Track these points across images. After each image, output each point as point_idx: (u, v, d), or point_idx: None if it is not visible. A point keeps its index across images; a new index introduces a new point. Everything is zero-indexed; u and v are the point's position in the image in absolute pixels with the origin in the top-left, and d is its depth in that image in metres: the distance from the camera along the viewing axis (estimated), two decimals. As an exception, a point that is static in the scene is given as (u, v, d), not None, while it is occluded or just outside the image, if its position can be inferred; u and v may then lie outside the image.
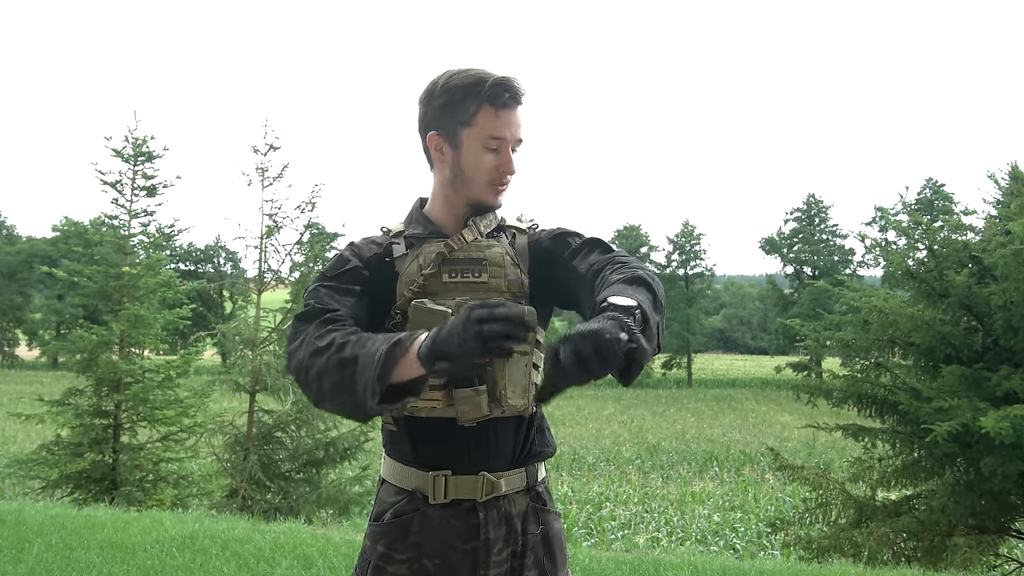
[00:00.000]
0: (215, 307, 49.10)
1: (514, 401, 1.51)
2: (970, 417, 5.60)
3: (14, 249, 48.73)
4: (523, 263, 1.64)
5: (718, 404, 34.38)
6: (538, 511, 1.63)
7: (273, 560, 4.49)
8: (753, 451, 19.72)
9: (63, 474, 8.72)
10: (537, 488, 1.64)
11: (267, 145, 9.49)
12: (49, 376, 37.69)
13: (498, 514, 1.57)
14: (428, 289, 1.56)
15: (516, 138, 1.59)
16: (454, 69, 1.62)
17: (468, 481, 1.55)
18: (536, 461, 1.65)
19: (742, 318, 70.18)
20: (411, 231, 1.65)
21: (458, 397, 1.50)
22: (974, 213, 7.82)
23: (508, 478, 1.58)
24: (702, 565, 4.58)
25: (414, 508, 1.56)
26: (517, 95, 1.58)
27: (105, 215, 10.06)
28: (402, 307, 1.56)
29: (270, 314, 9.58)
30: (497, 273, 1.58)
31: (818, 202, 48.10)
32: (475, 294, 1.55)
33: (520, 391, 1.52)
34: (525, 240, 1.68)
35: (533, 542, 1.61)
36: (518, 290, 1.60)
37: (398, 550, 1.56)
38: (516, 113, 1.58)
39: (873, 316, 6.93)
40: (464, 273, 1.57)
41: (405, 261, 1.60)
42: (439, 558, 1.54)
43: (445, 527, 1.55)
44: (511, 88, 1.57)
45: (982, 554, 6.49)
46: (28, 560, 4.42)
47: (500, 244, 1.63)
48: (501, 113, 1.56)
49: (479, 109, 1.56)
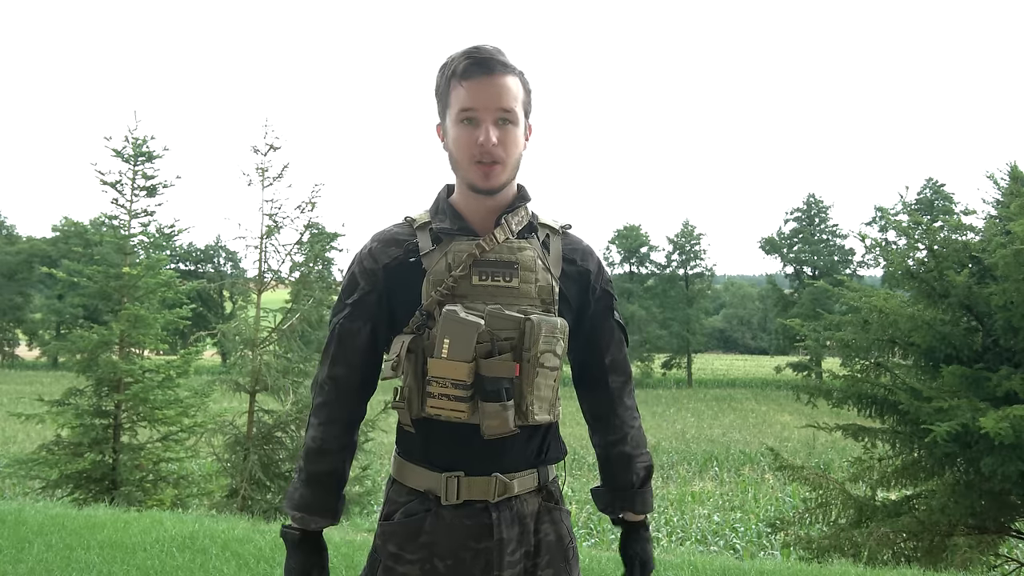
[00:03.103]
0: (215, 307, 49.10)
1: (540, 416, 1.53)
2: (970, 417, 5.60)
3: (14, 249, 48.73)
4: (555, 268, 1.60)
5: (718, 404, 34.37)
6: (551, 510, 1.62)
7: (273, 560, 4.49)
8: (753, 451, 19.72)
9: (63, 474, 8.70)
10: (549, 487, 1.64)
11: (267, 145, 9.47)
12: (49, 376, 37.69)
13: (511, 514, 1.55)
14: (457, 291, 1.52)
15: (494, 107, 1.50)
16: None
17: (481, 482, 1.54)
18: (549, 464, 1.65)
19: (742, 318, 70.17)
20: (439, 224, 1.58)
21: (485, 411, 1.47)
22: (974, 213, 7.78)
23: (521, 479, 1.57)
24: (702, 565, 4.58)
25: (425, 508, 1.55)
26: (484, 63, 1.49)
27: (105, 215, 10.06)
28: (429, 308, 1.52)
29: (270, 314, 9.57)
30: (528, 278, 1.55)
31: (818, 202, 48.11)
32: (505, 298, 1.53)
33: (547, 406, 1.54)
34: (559, 245, 1.64)
35: (547, 542, 1.60)
36: (548, 296, 1.57)
37: (408, 550, 1.54)
38: (489, 82, 1.49)
39: (873, 316, 6.92)
40: (495, 276, 1.53)
41: (433, 258, 1.55)
42: (451, 558, 1.52)
43: (458, 527, 1.53)
44: (475, 56, 1.49)
45: (982, 554, 6.49)
46: (28, 560, 4.42)
47: (532, 247, 1.58)
48: (467, 84, 1.49)
49: (451, 87, 1.52)
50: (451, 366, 1.45)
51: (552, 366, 1.51)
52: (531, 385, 1.49)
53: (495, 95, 1.49)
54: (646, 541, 1.74)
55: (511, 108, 1.51)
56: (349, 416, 1.64)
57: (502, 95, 1.50)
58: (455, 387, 1.46)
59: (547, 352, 1.50)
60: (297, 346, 9.10)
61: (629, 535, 1.74)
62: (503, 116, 1.51)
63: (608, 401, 1.73)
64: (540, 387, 1.50)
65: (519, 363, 1.49)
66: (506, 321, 1.48)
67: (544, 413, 1.53)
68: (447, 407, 1.47)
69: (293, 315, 9.20)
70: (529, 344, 1.48)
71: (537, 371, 1.49)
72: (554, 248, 1.62)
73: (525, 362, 1.49)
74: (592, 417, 1.77)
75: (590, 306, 1.66)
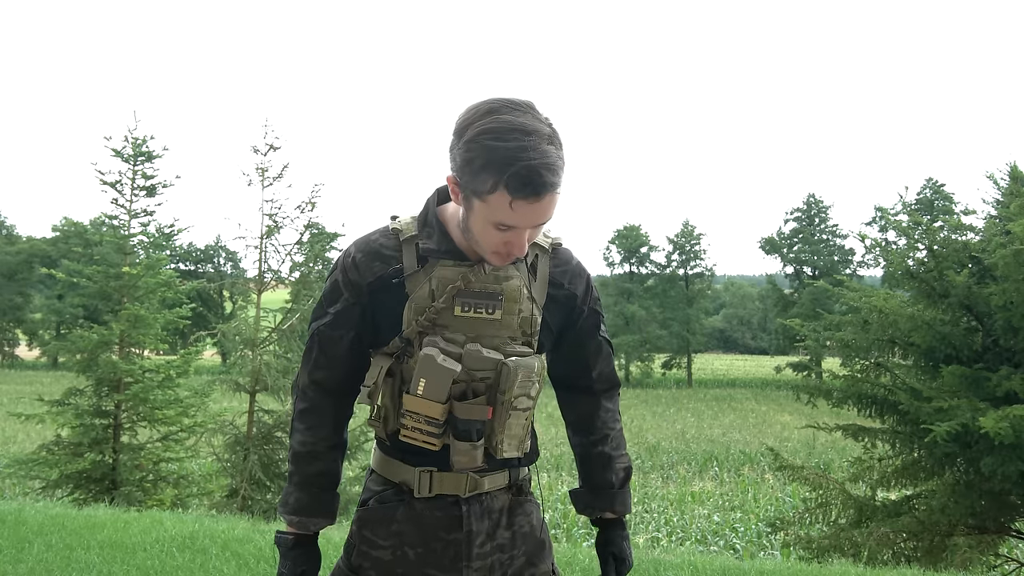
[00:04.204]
0: (215, 307, 49.10)
1: (509, 453, 1.56)
2: (970, 417, 5.60)
3: (14, 249, 48.73)
4: (540, 295, 1.58)
5: (718, 404, 34.38)
6: (521, 503, 1.65)
7: (273, 560, 4.49)
8: (753, 451, 19.72)
9: (63, 474, 8.71)
10: (519, 483, 1.66)
11: (267, 145, 9.48)
12: (49, 376, 37.70)
13: (480, 508, 1.58)
14: (438, 322, 1.50)
15: (534, 225, 1.42)
16: (490, 115, 1.38)
17: (452, 478, 1.56)
18: (522, 466, 1.67)
19: (742, 318, 70.17)
20: (424, 242, 1.52)
21: (456, 448, 1.51)
22: (974, 213, 7.80)
23: (492, 477, 1.60)
24: (702, 565, 4.58)
25: (399, 498, 1.59)
26: (541, 188, 1.36)
27: (105, 215, 10.07)
28: (409, 336, 1.51)
29: (270, 314, 9.58)
30: (511, 309, 1.53)
31: (818, 202, 48.12)
32: (485, 331, 1.52)
33: (516, 443, 1.57)
34: (547, 266, 1.61)
35: (522, 533, 1.64)
36: (528, 328, 1.55)
37: (381, 536, 1.58)
38: (538, 204, 1.38)
39: (873, 316, 6.92)
40: (477, 308, 1.51)
41: (416, 281, 1.51)
42: (421, 547, 1.56)
43: (428, 518, 1.57)
44: (535, 182, 1.35)
45: (982, 554, 6.49)
46: (28, 560, 4.42)
47: (519, 274, 1.55)
48: (517, 205, 1.36)
49: (495, 190, 1.36)
50: (426, 404, 1.48)
51: (525, 408, 1.54)
52: (503, 426, 1.52)
53: (541, 215, 1.41)
54: (623, 539, 1.74)
55: (551, 217, 1.44)
56: (335, 417, 1.65)
57: (547, 212, 1.41)
58: (428, 423, 1.49)
59: (521, 395, 1.52)
60: (297, 346, 9.11)
61: (606, 533, 1.75)
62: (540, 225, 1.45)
63: (591, 403, 1.76)
64: (512, 427, 1.53)
65: (492, 406, 1.51)
66: (484, 362, 1.49)
67: (513, 450, 1.56)
68: (420, 438, 1.52)
69: (293, 315, 9.21)
70: (504, 387, 1.50)
71: (510, 413, 1.52)
72: (541, 271, 1.60)
73: (499, 404, 1.51)
74: (575, 417, 1.78)
75: (575, 328, 1.68)
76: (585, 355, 1.72)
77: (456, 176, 1.43)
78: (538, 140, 1.36)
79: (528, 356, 1.54)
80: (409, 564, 1.57)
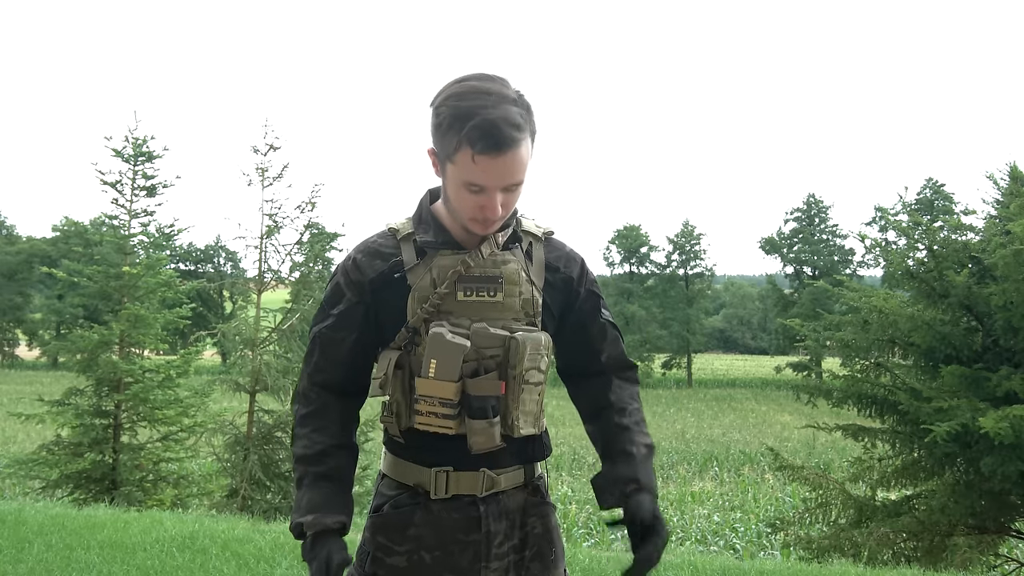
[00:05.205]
0: (215, 307, 49.09)
1: (525, 430, 1.56)
2: (970, 417, 5.61)
3: (14, 249, 48.73)
4: (538, 279, 1.61)
5: (718, 404, 34.39)
6: (537, 505, 1.64)
7: (273, 560, 4.49)
8: (753, 451, 19.73)
9: (63, 474, 8.71)
10: (535, 483, 1.65)
11: (267, 145, 9.48)
12: (49, 376, 37.68)
13: (498, 508, 1.57)
14: (442, 308, 1.52)
15: (502, 184, 1.45)
16: (459, 83, 1.46)
17: (469, 477, 1.56)
18: (534, 461, 1.66)
19: (742, 318, 70.17)
20: (422, 236, 1.56)
21: (472, 428, 1.50)
22: (974, 213, 7.77)
23: (507, 475, 1.59)
24: (702, 565, 4.58)
25: (415, 502, 1.57)
26: (500, 142, 1.39)
27: (105, 215, 10.08)
28: (415, 325, 1.53)
29: (270, 314, 9.58)
30: (512, 291, 1.55)
31: (818, 202, 48.13)
32: (489, 313, 1.54)
33: (532, 420, 1.57)
34: (542, 252, 1.64)
35: (534, 535, 1.62)
36: (531, 309, 1.57)
37: (396, 542, 1.56)
38: (501, 159, 1.40)
39: (873, 316, 6.93)
40: (480, 292, 1.53)
41: (417, 273, 1.54)
42: (439, 550, 1.54)
43: (446, 520, 1.55)
44: (493, 134, 1.38)
45: (982, 554, 6.50)
46: (28, 560, 4.42)
47: (516, 259, 1.58)
48: (479, 159, 1.40)
49: (459, 149, 1.42)
50: (438, 385, 1.48)
51: (536, 381, 1.55)
52: (517, 401, 1.53)
53: (507, 172, 1.43)
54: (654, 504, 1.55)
55: (520, 179, 1.47)
56: (341, 418, 1.62)
57: (514, 171, 1.44)
58: (442, 405, 1.49)
59: (532, 369, 1.53)
60: (297, 346, 9.11)
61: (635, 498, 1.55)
62: (511, 186, 1.47)
63: (605, 382, 1.70)
64: (525, 402, 1.54)
65: (504, 381, 1.52)
66: (492, 339, 1.51)
67: (529, 427, 1.56)
68: (435, 423, 1.51)
69: (293, 315, 9.21)
70: (514, 362, 1.51)
71: (523, 388, 1.52)
72: (537, 257, 1.63)
73: (511, 379, 1.52)
74: (589, 402, 1.72)
75: (574, 310, 1.67)
76: (590, 339, 1.70)
77: (433, 145, 1.50)
78: (499, 99, 1.42)
79: (535, 331, 1.55)
80: (425, 569, 1.54)
